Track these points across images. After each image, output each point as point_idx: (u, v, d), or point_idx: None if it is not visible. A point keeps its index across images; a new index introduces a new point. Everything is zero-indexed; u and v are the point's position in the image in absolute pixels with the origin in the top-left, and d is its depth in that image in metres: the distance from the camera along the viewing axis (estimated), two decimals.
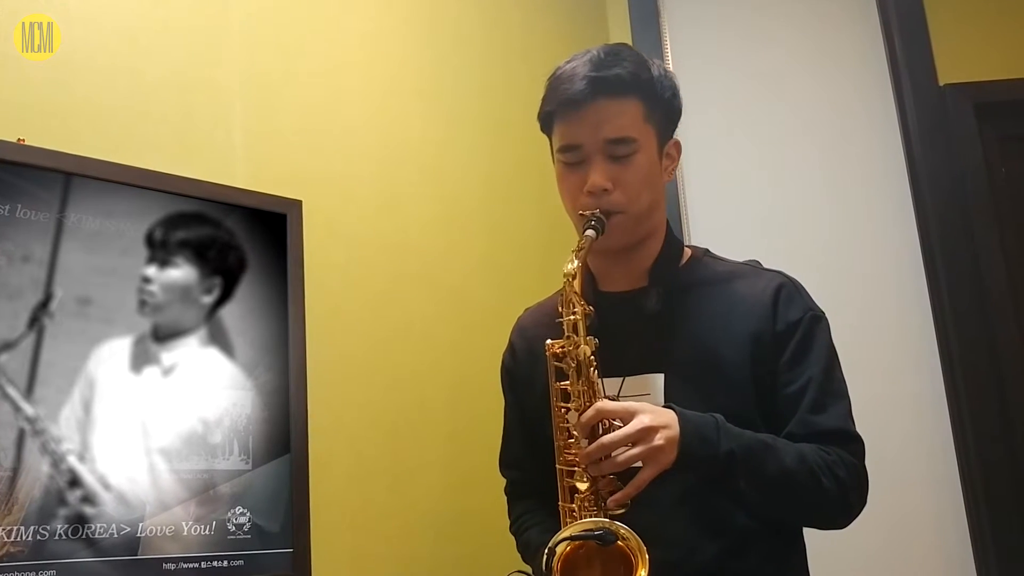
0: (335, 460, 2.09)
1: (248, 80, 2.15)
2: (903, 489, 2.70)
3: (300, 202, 2.14)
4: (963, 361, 2.74)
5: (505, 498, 1.72)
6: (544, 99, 1.53)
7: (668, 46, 3.08)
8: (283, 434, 1.97)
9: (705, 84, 3.08)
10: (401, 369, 2.29)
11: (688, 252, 1.60)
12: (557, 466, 1.39)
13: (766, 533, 1.43)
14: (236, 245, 1.99)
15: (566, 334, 1.39)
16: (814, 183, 3.00)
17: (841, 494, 1.39)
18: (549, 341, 1.42)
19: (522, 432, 1.64)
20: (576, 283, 1.39)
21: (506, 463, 1.72)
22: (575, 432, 1.36)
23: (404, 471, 2.23)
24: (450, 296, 2.46)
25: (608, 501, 1.31)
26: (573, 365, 1.37)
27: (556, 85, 1.50)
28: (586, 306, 1.39)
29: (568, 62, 1.51)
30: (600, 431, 1.32)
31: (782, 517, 1.45)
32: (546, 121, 1.54)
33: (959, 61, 2.96)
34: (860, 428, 1.47)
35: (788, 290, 1.51)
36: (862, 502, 1.45)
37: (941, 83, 2.94)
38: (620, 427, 1.31)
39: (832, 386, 1.46)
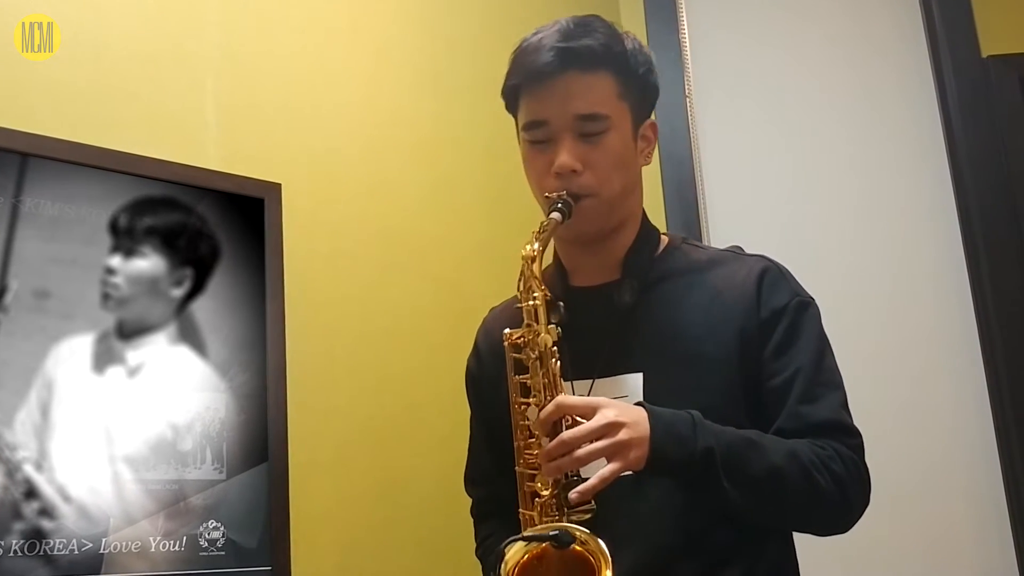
0: (317, 469, 2.09)
1: (223, 52, 2.14)
2: (942, 502, 2.70)
3: (279, 185, 2.13)
4: (1008, 360, 2.74)
5: (476, 518, 1.72)
6: (508, 73, 1.54)
7: (684, 16, 3.07)
8: (260, 441, 1.97)
9: (725, 57, 3.07)
10: (390, 369, 2.29)
11: (665, 240, 1.61)
12: (517, 469, 1.40)
13: (750, 551, 1.43)
14: (209, 233, 1.99)
15: (525, 322, 1.40)
16: (844, 164, 2.99)
17: (839, 492, 1.38)
18: (507, 331, 1.42)
19: (488, 445, 1.65)
20: (535, 267, 1.41)
21: (471, 479, 1.73)
22: (536, 431, 1.36)
23: (393, 481, 2.23)
24: (444, 288, 2.45)
25: (570, 494, 1.28)
26: (534, 356, 1.37)
27: (522, 57, 1.51)
28: (547, 291, 1.40)
29: (535, 34, 1.52)
30: (563, 429, 1.31)
31: (775, 521, 1.44)
32: (511, 96, 1.55)
33: (1003, 31, 2.96)
34: (893, 435, 1.47)
35: (773, 275, 1.51)
36: (864, 502, 1.44)
37: (984, 55, 2.93)
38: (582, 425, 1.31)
39: (823, 376, 1.46)
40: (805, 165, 3.01)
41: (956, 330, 2.83)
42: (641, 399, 1.42)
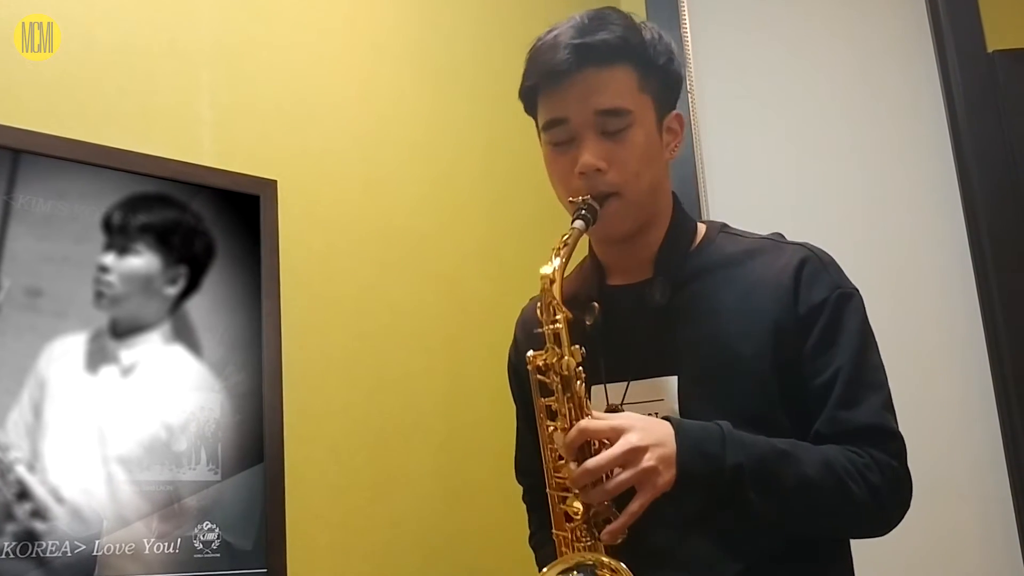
0: (314, 470, 2.08)
1: (218, 47, 2.13)
2: (946, 502, 2.69)
3: (275, 182, 2.13)
4: (1014, 358, 2.73)
5: (525, 508, 1.72)
6: (525, 73, 1.52)
7: (685, 11, 3.06)
8: (256, 441, 1.96)
9: (726, 49, 3.07)
10: (388, 369, 2.29)
11: (702, 231, 1.59)
12: (548, 491, 1.39)
13: (797, 552, 1.42)
14: (203, 230, 1.98)
15: (548, 345, 1.38)
16: (848, 160, 2.98)
17: (875, 503, 1.37)
18: (531, 353, 1.40)
19: (532, 436, 1.64)
20: (555, 288, 1.38)
21: (520, 470, 1.73)
22: (563, 455, 1.35)
23: (391, 482, 2.23)
24: (443, 287, 2.45)
25: (602, 534, 1.30)
26: (558, 380, 1.37)
27: (537, 57, 1.49)
28: (568, 312, 1.38)
29: (549, 32, 1.50)
30: (590, 452, 1.31)
31: (808, 531, 1.43)
32: (529, 97, 1.53)
33: (1009, 26, 2.95)
34: None
35: (812, 266, 1.48)
36: (903, 508, 1.43)
37: (990, 49, 2.92)
38: (609, 447, 1.30)
39: (865, 376, 1.43)
40: (808, 161, 3.00)
41: (961, 326, 2.83)
42: (676, 403, 1.42)
